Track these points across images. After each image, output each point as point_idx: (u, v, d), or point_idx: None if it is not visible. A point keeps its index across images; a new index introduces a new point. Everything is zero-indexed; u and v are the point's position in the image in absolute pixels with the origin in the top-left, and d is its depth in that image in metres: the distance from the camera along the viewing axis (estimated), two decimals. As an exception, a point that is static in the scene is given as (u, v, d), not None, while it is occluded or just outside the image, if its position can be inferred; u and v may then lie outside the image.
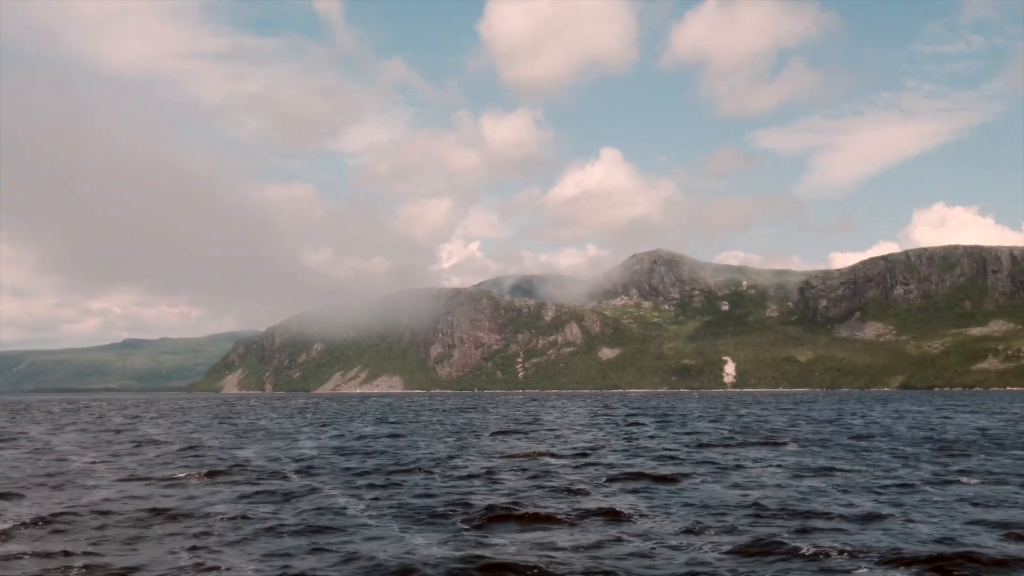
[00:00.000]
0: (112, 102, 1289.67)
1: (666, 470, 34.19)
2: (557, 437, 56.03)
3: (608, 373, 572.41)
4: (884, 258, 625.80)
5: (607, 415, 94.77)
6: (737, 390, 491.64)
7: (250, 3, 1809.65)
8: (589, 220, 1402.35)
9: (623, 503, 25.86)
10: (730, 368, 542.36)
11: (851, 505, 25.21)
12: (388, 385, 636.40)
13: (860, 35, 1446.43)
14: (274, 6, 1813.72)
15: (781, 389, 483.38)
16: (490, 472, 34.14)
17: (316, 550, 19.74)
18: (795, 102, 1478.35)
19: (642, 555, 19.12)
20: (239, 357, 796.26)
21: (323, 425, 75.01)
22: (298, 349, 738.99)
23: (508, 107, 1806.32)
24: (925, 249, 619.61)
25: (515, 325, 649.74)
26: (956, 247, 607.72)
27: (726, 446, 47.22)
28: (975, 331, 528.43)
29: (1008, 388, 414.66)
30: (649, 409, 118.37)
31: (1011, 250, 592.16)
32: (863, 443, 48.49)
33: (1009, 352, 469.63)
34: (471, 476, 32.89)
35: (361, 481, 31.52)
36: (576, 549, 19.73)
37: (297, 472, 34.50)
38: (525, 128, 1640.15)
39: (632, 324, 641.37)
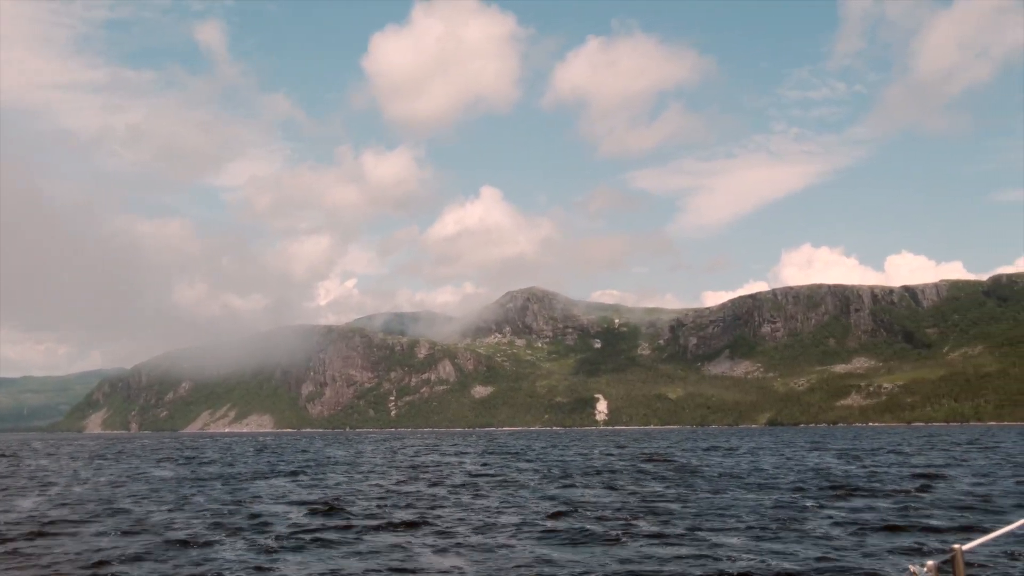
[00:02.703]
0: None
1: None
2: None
3: (481, 411, 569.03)
4: (752, 297, 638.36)
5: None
6: (609, 427, 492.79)
7: (128, 34, 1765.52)
8: (468, 258, 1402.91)
9: None
10: (602, 406, 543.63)
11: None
12: (258, 424, 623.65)
13: (733, 79, 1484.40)
14: (154, 38, 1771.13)
15: (652, 426, 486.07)
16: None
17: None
18: (671, 144, 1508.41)
19: None
20: (104, 396, 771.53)
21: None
22: (166, 387, 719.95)
23: (390, 144, 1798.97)
24: (791, 288, 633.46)
25: (388, 363, 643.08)
26: (820, 286, 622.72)
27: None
28: (839, 368, 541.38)
29: (870, 423, 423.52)
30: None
31: (872, 289, 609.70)
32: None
33: (871, 388, 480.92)
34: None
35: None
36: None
37: None
38: (406, 165, 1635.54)
39: (505, 362, 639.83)
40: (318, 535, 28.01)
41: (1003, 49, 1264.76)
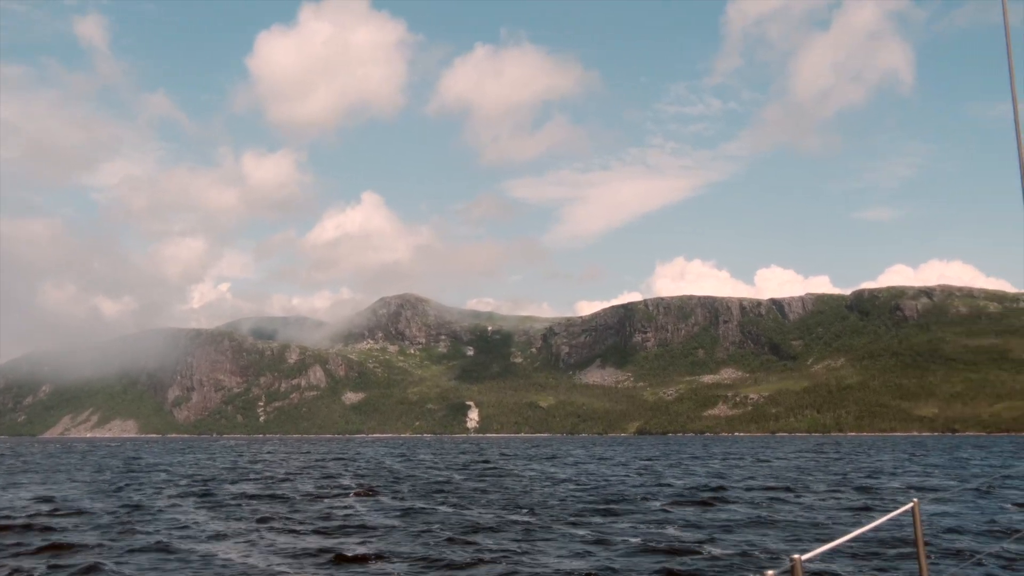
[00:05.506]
0: None
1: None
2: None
3: (352, 418, 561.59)
4: (624, 306, 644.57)
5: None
6: (480, 435, 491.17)
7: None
8: (346, 263, 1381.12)
9: None
10: (474, 414, 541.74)
11: None
12: (121, 429, 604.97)
13: (615, 92, 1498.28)
14: (26, 32, 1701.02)
15: (523, 434, 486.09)
16: None
17: None
18: (552, 154, 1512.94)
19: None
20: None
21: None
22: (25, 391, 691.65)
23: (272, 146, 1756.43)
24: (662, 299, 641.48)
25: (258, 367, 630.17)
26: (691, 297, 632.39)
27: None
28: (707, 378, 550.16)
29: (736, 433, 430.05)
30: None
31: (741, 301, 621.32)
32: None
33: (737, 399, 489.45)
34: None
35: None
36: None
37: None
38: (288, 168, 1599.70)
39: (377, 368, 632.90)
40: None
41: (875, 73, 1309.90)
